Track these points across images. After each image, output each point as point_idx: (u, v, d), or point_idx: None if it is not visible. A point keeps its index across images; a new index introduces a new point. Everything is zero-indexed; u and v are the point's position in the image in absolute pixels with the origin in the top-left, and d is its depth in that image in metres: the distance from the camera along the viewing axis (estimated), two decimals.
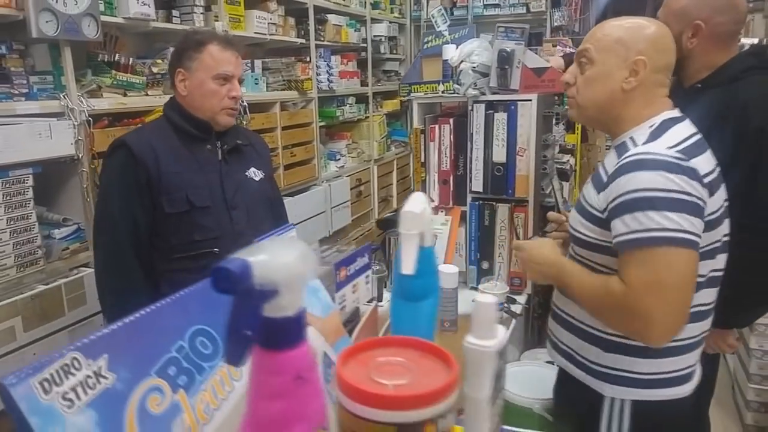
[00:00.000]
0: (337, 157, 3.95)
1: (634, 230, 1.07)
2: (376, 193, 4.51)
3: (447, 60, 2.27)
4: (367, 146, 4.37)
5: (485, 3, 5.02)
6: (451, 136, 2.23)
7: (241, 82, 1.80)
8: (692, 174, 1.08)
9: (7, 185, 1.82)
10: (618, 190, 1.10)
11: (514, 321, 2.05)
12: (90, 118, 2.04)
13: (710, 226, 1.12)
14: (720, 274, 1.23)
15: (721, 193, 1.18)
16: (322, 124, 3.77)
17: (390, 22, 4.71)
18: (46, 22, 1.87)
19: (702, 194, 1.09)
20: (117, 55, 2.28)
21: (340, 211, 3.83)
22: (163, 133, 1.72)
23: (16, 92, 1.89)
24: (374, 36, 4.47)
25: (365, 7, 4.27)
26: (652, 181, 1.06)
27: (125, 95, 2.28)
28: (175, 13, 2.55)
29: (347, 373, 0.47)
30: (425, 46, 2.50)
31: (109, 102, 2.17)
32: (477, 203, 2.24)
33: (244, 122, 2.85)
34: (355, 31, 4.06)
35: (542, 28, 4.96)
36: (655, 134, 1.17)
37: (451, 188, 2.28)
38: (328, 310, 0.77)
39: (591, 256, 1.22)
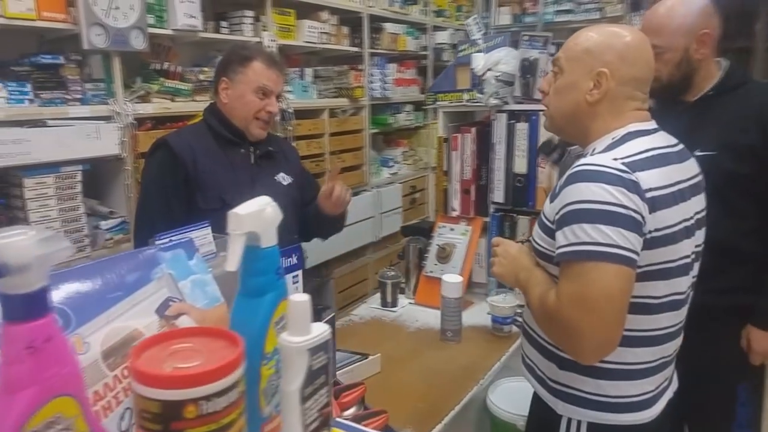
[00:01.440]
0: (390, 164, 4.02)
1: (569, 243, 1.05)
2: (432, 200, 4.53)
3: (474, 68, 2.28)
4: (425, 153, 4.41)
5: (557, 9, 4.90)
6: (473, 146, 2.24)
7: (278, 98, 1.91)
8: (632, 187, 1.04)
9: (59, 180, 2.04)
10: (561, 201, 1.09)
11: None
12: (135, 121, 2.24)
13: (656, 243, 1.08)
14: (681, 297, 1.18)
15: (679, 212, 1.13)
16: (376, 130, 3.85)
17: (455, 30, 4.72)
18: (97, 35, 2.08)
19: (640, 208, 1.04)
20: (167, 64, 2.47)
21: (390, 217, 3.89)
22: (202, 135, 1.86)
23: (71, 98, 2.11)
24: (436, 43, 4.50)
25: (427, 15, 4.31)
26: (589, 192, 1.04)
27: (173, 101, 2.48)
28: (224, 24, 2.72)
29: (137, 357, 0.53)
30: (459, 54, 2.52)
31: (154, 107, 2.36)
32: (498, 214, 2.23)
33: (289, 128, 3.00)
34: (414, 38, 4.11)
35: None
36: (612, 146, 1.15)
37: (473, 198, 2.28)
38: (214, 303, 0.83)
39: (549, 268, 1.21)
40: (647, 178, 1.07)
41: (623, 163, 1.07)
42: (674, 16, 1.59)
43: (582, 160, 1.11)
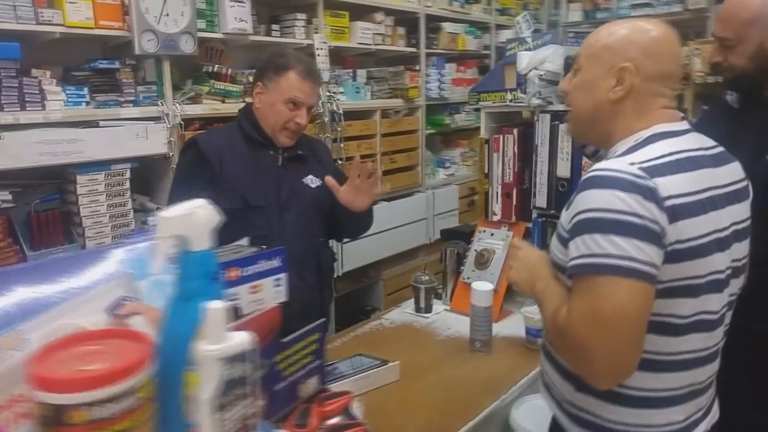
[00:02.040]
0: (447, 165, 3.96)
1: (581, 255, 0.97)
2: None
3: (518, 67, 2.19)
4: None
5: (633, 2, 4.64)
6: (515, 147, 2.15)
7: (310, 109, 1.91)
8: (648, 194, 0.95)
9: (109, 177, 2.16)
10: (574, 209, 1.02)
11: None
12: (182, 122, 2.32)
13: (680, 256, 0.98)
14: (714, 317, 1.06)
15: (709, 222, 1.02)
16: (432, 131, 3.81)
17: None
18: (148, 40, 2.17)
19: (657, 218, 0.95)
20: (218, 66, 2.55)
21: (445, 219, 3.84)
22: (232, 135, 1.91)
23: (124, 99, 2.22)
24: (500, 42, 4.39)
25: (490, 14, 4.21)
26: (602, 200, 0.96)
27: (224, 102, 2.55)
28: (275, 27, 2.77)
29: (37, 360, 0.54)
30: (508, 53, 2.43)
31: (203, 108, 2.44)
32: (540, 220, 2.14)
33: (338, 129, 3.02)
34: (475, 38, 4.03)
35: (702, 27, 4.46)
36: (633, 149, 1.06)
37: (514, 202, 2.20)
38: None
39: (566, 281, 1.13)
40: (667, 184, 0.98)
41: (641, 168, 0.98)
42: (747, 8, 1.46)
43: (596, 165, 1.03)
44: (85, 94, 2.10)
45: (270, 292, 1.13)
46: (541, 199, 2.12)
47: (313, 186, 1.98)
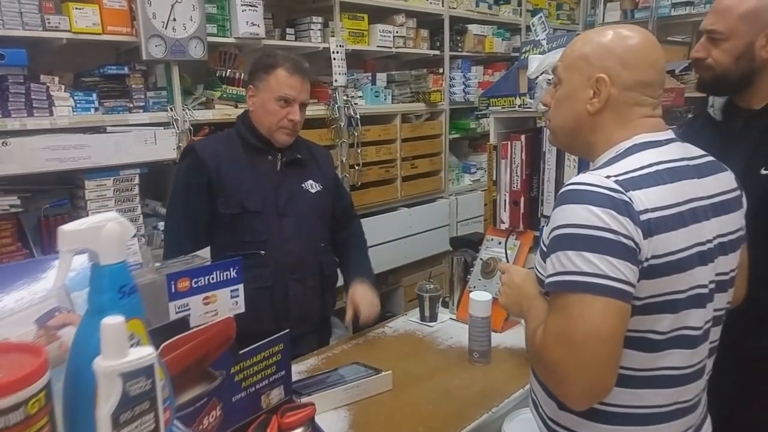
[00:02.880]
0: (473, 170, 3.87)
1: (555, 272, 0.95)
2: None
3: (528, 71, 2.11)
4: None
5: (674, 1, 4.43)
6: (523, 154, 2.07)
7: (305, 106, 1.90)
8: (622, 208, 0.92)
9: (117, 182, 2.20)
10: (551, 225, 0.99)
11: None
12: (191, 127, 2.34)
13: (656, 272, 0.94)
14: (696, 333, 1.01)
15: (689, 235, 0.98)
16: (457, 136, 3.73)
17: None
18: (156, 46, 2.20)
19: (631, 233, 0.91)
20: (230, 71, 2.56)
21: (468, 225, 3.75)
22: (231, 141, 1.91)
23: (133, 105, 2.25)
24: None
25: (520, 15, 4.10)
26: (575, 215, 0.93)
27: (236, 107, 2.56)
28: (289, 30, 2.77)
29: None
30: (522, 56, 2.35)
31: (213, 113, 2.46)
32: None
33: (356, 134, 2.99)
34: (503, 40, 3.93)
35: None
36: (613, 160, 1.02)
37: (522, 210, 2.11)
38: None
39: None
40: (644, 198, 0.94)
41: (616, 181, 0.95)
42: (745, 1, 1.37)
43: (573, 179, 1.00)
44: (94, 99, 2.14)
45: (225, 303, 1.11)
46: (548, 207, 2.03)
47: (313, 191, 1.96)
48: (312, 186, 1.97)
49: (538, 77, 2.03)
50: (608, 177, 0.96)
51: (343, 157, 2.97)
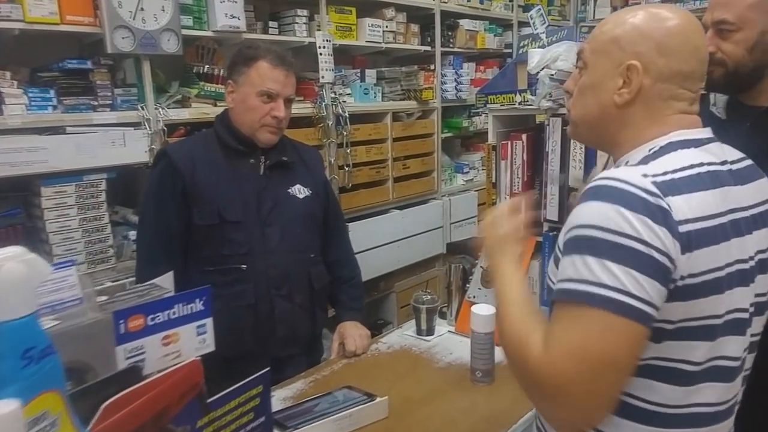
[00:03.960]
0: (466, 170, 3.71)
1: (569, 278, 0.81)
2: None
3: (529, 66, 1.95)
4: None
5: None
6: (524, 154, 1.91)
7: (290, 101, 1.74)
8: (659, 216, 0.78)
9: (80, 189, 2.00)
10: (570, 222, 0.84)
11: None
12: (165, 128, 2.15)
13: (693, 293, 0.82)
14: (734, 364, 0.88)
15: (731, 250, 0.84)
16: (449, 134, 3.57)
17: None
18: (123, 38, 2.01)
19: (667, 247, 0.78)
20: (208, 67, 2.38)
21: (462, 227, 3.58)
22: (208, 144, 1.74)
23: (98, 103, 2.05)
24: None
25: (512, 10, 3.94)
26: (602, 216, 0.79)
27: (215, 105, 2.37)
28: (272, 24, 2.59)
29: None
30: (520, 51, 2.19)
31: (190, 112, 2.27)
32: (551, 234, 1.88)
33: (344, 133, 2.81)
34: (495, 36, 3.77)
35: None
36: (648, 159, 0.88)
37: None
38: None
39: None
40: (684, 205, 0.81)
41: (654, 183, 0.81)
42: None
43: (604, 172, 0.85)
44: (52, 97, 1.94)
45: (190, 342, 0.92)
46: (551, 211, 1.88)
47: (301, 196, 1.79)
48: (300, 191, 1.79)
49: (539, 72, 1.87)
50: (645, 176, 0.82)
51: (332, 158, 2.80)
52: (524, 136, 1.89)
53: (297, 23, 2.64)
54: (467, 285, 2.03)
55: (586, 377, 0.78)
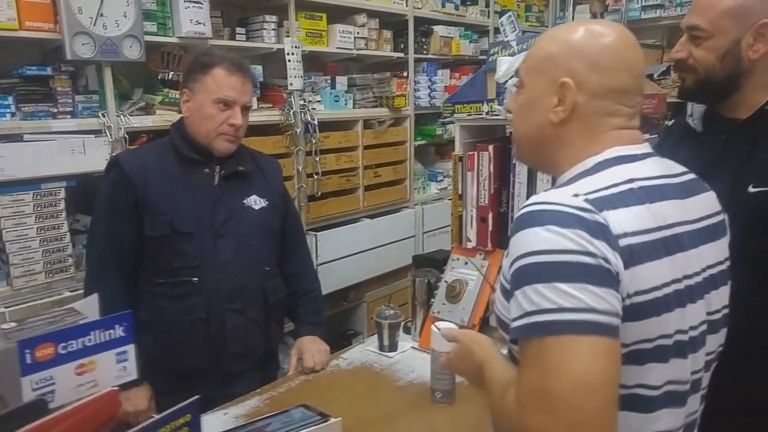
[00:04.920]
0: (440, 178, 3.70)
1: (523, 313, 0.76)
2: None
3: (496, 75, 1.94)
4: None
5: (644, 4, 4.35)
6: (491, 166, 1.89)
7: (247, 109, 1.71)
8: (597, 230, 0.76)
9: (38, 197, 1.95)
10: (510, 256, 0.81)
11: None
12: (126, 135, 2.11)
13: (641, 312, 0.78)
14: (684, 388, 0.86)
15: (674, 266, 0.82)
16: (422, 142, 3.56)
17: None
18: (83, 44, 1.96)
19: (609, 257, 0.75)
20: (173, 74, 2.34)
21: (436, 237, 3.57)
22: (162, 152, 1.70)
23: (58, 110, 2.00)
24: None
25: (488, 16, 3.95)
26: (540, 240, 0.76)
27: (180, 112, 2.33)
28: (240, 30, 2.55)
29: None
30: (490, 59, 2.18)
31: (153, 119, 2.23)
32: None
33: (313, 141, 2.78)
34: (470, 42, 3.77)
35: None
36: (579, 177, 0.86)
37: (491, 228, 1.94)
38: None
39: (514, 349, 0.90)
40: (621, 220, 0.78)
41: (587, 200, 0.78)
42: None
43: (532, 198, 0.83)
44: (10, 104, 1.89)
45: (109, 371, 0.88)
46: None
47: (257, 207, 1.75)
48: (256, 202, 1.76)
49: (507, 81, 1.86)
50: (576, 195, 0.79)
51: (300, 166, 2.77)
52: (491, 147, 1.88)
53: (266, 29, 2.61)
54: (432, 299, 2.01)
55: (560, 415, 0.71)
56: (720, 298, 0.92)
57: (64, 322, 0.89)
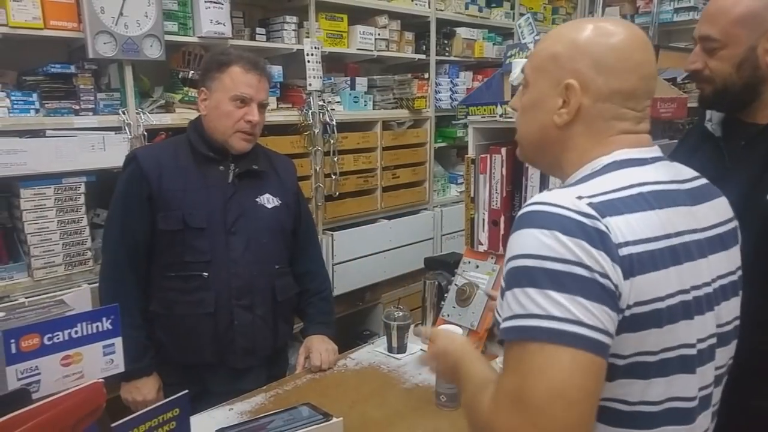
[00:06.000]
0: (460, 181, 3.68)
1: (512, 314, 0.75)
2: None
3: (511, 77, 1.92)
4: None
5: (677, 6, 4.25)
6: (503, 169, 1.88)
7: (264, 107, 1.74)
8: (596, 239, 0.74)
9: (59, 191, 2.00)
10: (507, 254, 0.80)
11: None
12: (145, 133, 2.15)
13: (643, 323, 0.76)
14: (691, 405, 0.82)
15: (681, 275, 0.79)
16: (443, 144, 3.54)
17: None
18: (104, 43, 2.00)
19: (608, 271, 0.73)
20: (192, 73, 2.37)
21: (454, 239, 3.54)
22: (178, 149, 1.73)
23: (80, 107, 2.05)
24: None
25: (513, 18, 3.91)
26: (537, 243, 0.75)
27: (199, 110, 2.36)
28: (260, 30, 2.58)
29: None
30: (507, 61, 2.16)
31: (172, 117, 2.26)
32: None
33: (332, 141, 2.80)
34: (494, 44, 3.74)
35: None
36: (587, 179, 0.84)
37: (503, 231, 1.92)
38: None
39: None
40: (624, 226, 0.76)
41: (590, 204, 0.77)
42: (739, 3, 1.19)
43: (535, 197, 0.81)
44: (35, 100, 1.94)
45: (95, 363, 0.90)
46: None
47: (269, 206, 1.77)
48: (269, 201, 1.78)
49: (521, 84, 1.84)
50: (580, 198, 0.77)
51: (317, 166, 2.78)
52: (504, 150, 1.87)
53: (286, 30, 2.63)
54: (442, 302, 2.00)
55: (531, 421, 0.71)
56: (730, 309, 0.89)
57: (51, 313, 0.91)
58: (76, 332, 0.87)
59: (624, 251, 0.75)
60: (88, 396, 0.75)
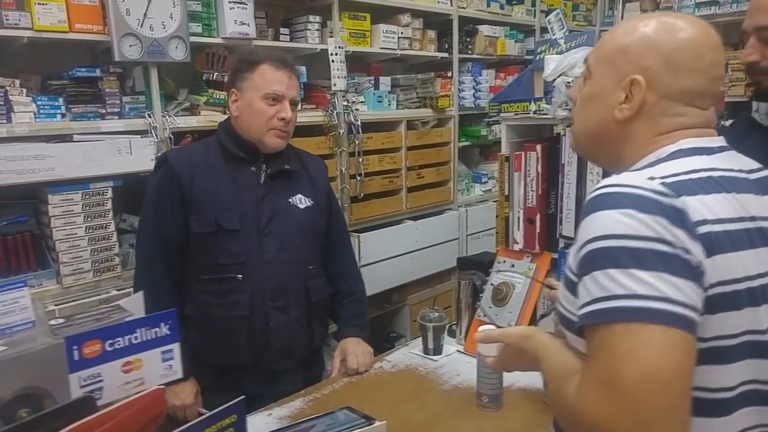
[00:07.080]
0: (484, 180, 3.63)
1: (592, 299, 0.72)
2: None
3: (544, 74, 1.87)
4: None
5: (698, 1, 4.17)
6: (539, 166, 1.83)
7: (295, 105, 1.72)
8: (675, 217, 0.71)
9: (87, 197, 1.98)
10: (579, 240, 0.77)
11: None
12: (171, 136, 2.13)
13: (726, 304, 0.73)
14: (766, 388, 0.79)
15: (755, 258, 0.77)
16: (467, 143, 3.49)
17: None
18: (130, 46, 1.99)
19: (688, 246, 0.71)
20: (217, 74, 2.35)
21: (480, 239, 3.50)
22: (210, 150, 1.71)
23: (106, 111, 2.03)
24: None
25: (534, 16, 3.86)
26: (614, 224, 0.72)
27: (225, 113, 2.34)
28: (284, 30, 2.55)
29: None
30: (537, 57, 2.11)
31: (197, 120, 2.24)
32: (567, 251, 1.80)
33: (356, 142, 2.76)
34: (516, 42, 3.69)
35: None
36: (652, 164, 0.81)
37: (538, 229, 1.86)
38: None
39: (576, 343, 0.84)
40: (700, 205, 0.74)
41: (663, 183, 0.73)
42: None
43: (604, 180, 0.78)
44: (60, 105, 1.93)
45: (155, 369, 0.87)
46: (567, 227, 1.79)
47: (302, 207, 1.75)
48: (301, 201, 1.75)
49: (555, 80, 1.79)
50: (652, 178, 0.75)
51: (343, 167, 2.75)
52: (539, 147, 1.82)
53: (309, 30, 2.60)
54: (478, 302, 1.96)
55: (625, 407, 0.66)
56: None
57: (111, 319, 0.88)
58: (136, 338, 0.84)
59: (702, 229, 0.72)
60: (150, 403, 0.73)
